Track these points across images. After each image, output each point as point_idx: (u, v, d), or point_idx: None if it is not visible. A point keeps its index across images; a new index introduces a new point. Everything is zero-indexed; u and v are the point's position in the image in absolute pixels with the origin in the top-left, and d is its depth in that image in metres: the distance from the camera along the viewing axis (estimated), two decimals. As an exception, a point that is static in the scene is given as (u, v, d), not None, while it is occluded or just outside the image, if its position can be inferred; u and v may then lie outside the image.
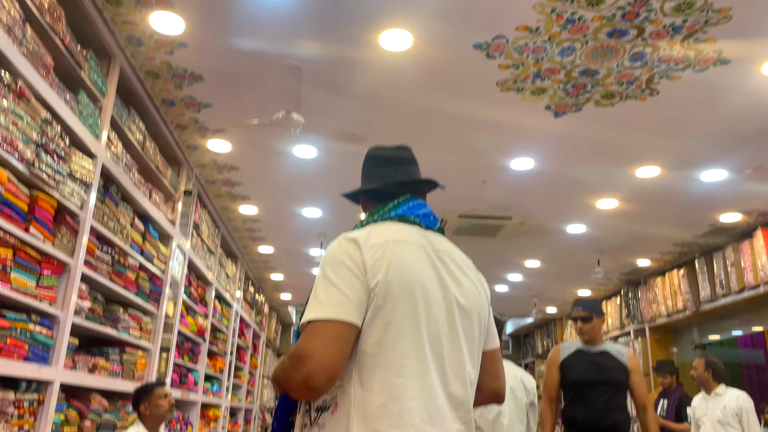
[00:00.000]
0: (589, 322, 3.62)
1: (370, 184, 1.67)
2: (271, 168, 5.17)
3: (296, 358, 1.26)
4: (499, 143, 4.52)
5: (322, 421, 1.31)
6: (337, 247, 1.40)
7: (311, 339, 1.26)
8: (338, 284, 1.31)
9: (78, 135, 3.16)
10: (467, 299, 1.45)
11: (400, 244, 1.40)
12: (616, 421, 3.43)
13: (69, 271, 3.15)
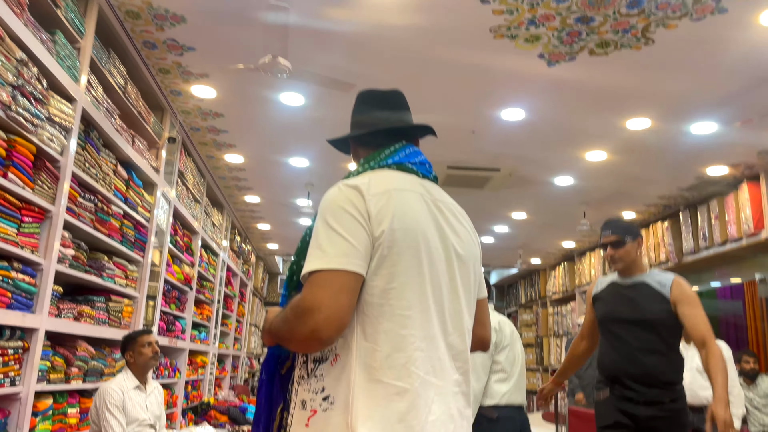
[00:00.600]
0: (621, 247, 2.90)
1: (363, 130, 1.60)
2: (257, 115, 5.06)
3: (302, 311, 1.20)
4: (491, 93, 4.45)
5: (321, 372, 1.28)
6: (338, 194, 1.33)
7: (318, 290, 1.21)
8: (342, 233, 1.26)
9: (56, 77, 3.04)
10: (464, 249, 1.44)
11: (402, 192, 1.37)
12: (650, 368, 2.75)
13: (51, 218, 3.09)
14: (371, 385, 1.23)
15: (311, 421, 1.25)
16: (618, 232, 2.92)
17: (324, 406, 1.25)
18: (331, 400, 1.24)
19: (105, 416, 3.26)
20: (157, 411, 3.62)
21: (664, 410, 2.73)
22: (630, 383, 2.78)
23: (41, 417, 3.15)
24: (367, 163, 1.50)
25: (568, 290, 10.07)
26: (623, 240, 2.90)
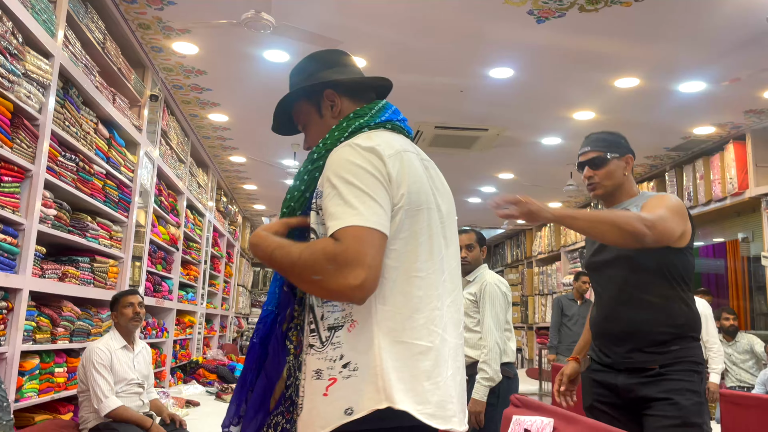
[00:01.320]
0: (602, 166, 2.19)
1: (349, 77, 1.50)
2: (241, 73, 4.97)
3: (345, 262, 1.16)
4: (479, 51, 4.38)
5: (338, 339, 1.25)
6: (355, 154, 1.27)
7: (361, 245, 1.17)
8: (371, 193, 1.23)
9: (31, 32, 2.95)
10: (448, 206, 1.45)
11: (407, 154, 1.35)
12: (631, 323, 2.05)
13: (31, 177, 3.04)
14: (396, 347, 1.23)
15: (331, 390, 1.23)
16: (599, 148, 2.20)
17: (345, 373, 1.23)
18: (354, 366, 1.22)
19: (92, 376, 3.27)
20: (144, 371, 3.64)
21: (653, 379, 1.98)
22: (609, 345, 2.10)
23: (28, 376, 3.16)
24: (360, 119, 1.41)
25: (554, 250, 10.17)
26: (605, 157, 2.18)
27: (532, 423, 2.13)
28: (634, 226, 1.87)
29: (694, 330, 2.05)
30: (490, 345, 3.00)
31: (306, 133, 1.52)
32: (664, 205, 2.02)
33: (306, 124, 1.52)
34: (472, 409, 2.94)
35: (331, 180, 1.25)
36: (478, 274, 3.25)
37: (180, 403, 5.16)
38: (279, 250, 1.26)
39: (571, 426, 1.96)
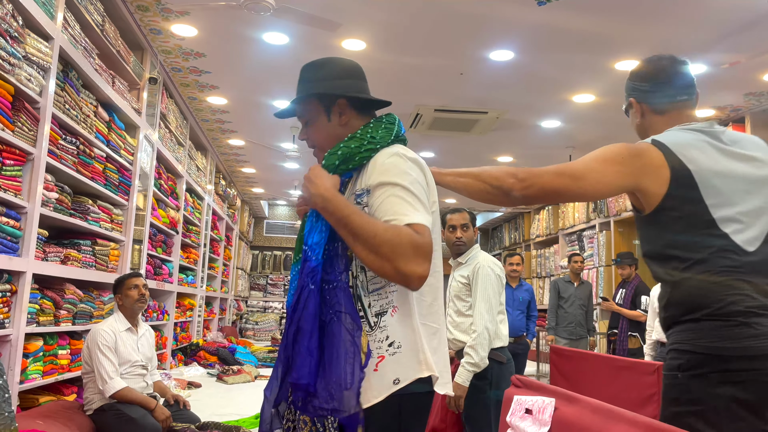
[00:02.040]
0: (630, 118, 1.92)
1: (366, 95, 1.63)
2: (240, 56, 4.94)
3: (423, 252, 1.34)
4: (479, 33, 4.36)
5: (384, 324, 1.44)
6: (404, 163, 1.45)
7: (430, 241, 1.37)
8: (422, 200, 1.43)
9: (31, 14, 2.93)
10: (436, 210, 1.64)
11: (424, 164, 1.55)
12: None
13: (32, 161, 3.04)
14: (423, 329, 1.47)
15: (380, 366, 1.41)
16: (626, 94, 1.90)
17: (391, 351, 1.42)
18: (398, 345, 1.43)
19: (97, 357, 3.30)
20: (148, 353, 3.67)
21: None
22: None
23: (32, 358, 3.18)
24: (392, 130, 1.56)
25: (552, 233, 10.21)
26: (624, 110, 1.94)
27: (533, 403, 2.16)
28: (496, 178, 1.65)
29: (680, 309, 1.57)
30: (480, 330, 2.90)
31: (308, 129, 1.64)
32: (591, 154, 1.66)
33: (311, 121, 1.63)
34: (454, 393, 2.89)
35: (389, 182, 1.42)
36: (471, 255, 3.13)
37: (182, 384, 5.21)
38: (358, 216, 1.37)
39: (573, 405, 1.99)
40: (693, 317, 1.50)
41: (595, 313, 8.32)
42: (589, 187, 1.59)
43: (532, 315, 5.70)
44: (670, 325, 1.58)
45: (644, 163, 1.58)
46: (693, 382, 1.45)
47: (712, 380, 1.43)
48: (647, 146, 1.61)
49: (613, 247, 8.13)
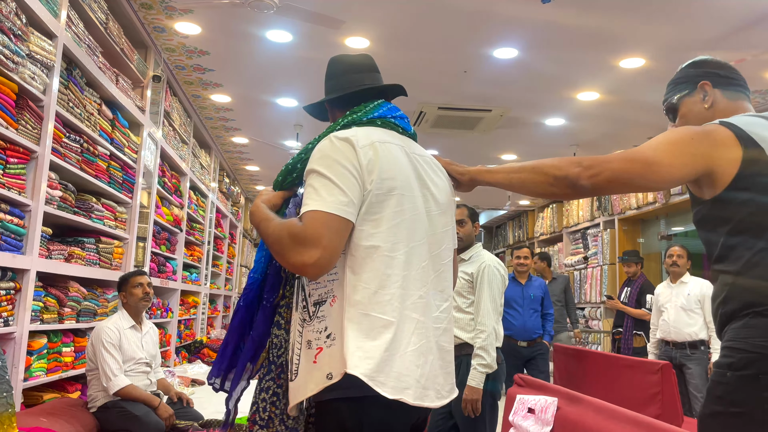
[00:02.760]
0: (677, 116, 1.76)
1: (340, 92, 1.65)
2: (244, 53, 4.94)
3: (303, 240, 1.32)
4: (483, 31, 4.35)
5: (322, 313, 1.40)
6: (330, 146, 1.42)
7: (318, 227, 1.32)
8: (338, 183, 1.37)
9: (35, 12, 2.93)
10: (443, 197, 1.58)
11: (386, 144, 1.48)
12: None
13: (36, 159, 3.05)
14: (361, 319, 1.35)
15: (318, 358, 1.37)
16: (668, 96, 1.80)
17: (328, 342, 1.37)
18: (333, 336, 1.37)
19: (102, 354, 3.31)
20: (152, 350, 3.68)
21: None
22: None
23: (36, 356, 3.19)
24: (353, 114, 1.56)
25: (556, 231, 10.19)
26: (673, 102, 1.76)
27: (536, 402, 2.16)
28: (559, 168, 1.49)
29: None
30: (489, 330, 2.87)
31: None
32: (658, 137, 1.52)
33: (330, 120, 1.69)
34: (469, 397, 2.82)
35: (309, 170, 1.41)
36: (475, 253, 3.11)
37: (185, 382, 5.22)
38: (263, 223, 1.43)
39: (575, 405, 1.99)
40: (755, 311, 1.35)
41: (599, 311, 8.31)
42: (664, 173, 1.43)
43: (548, 314, 5.21)
44: (726, 322, 1.43)
45: (715, 142, 1.44)
46: (741, 382, 1.32)
47: (763, 383, 1.29)
48: (715, 126, 1.48)
49: (617, 246, 8.11)
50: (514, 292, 5.05)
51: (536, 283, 5.24)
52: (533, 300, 5.08)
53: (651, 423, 1.62)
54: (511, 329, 4.90)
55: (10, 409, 2.36)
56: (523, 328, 4.94)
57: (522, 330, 4.94)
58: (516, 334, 4.92)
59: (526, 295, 5.09)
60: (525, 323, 4.94)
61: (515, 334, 4.91)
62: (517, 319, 5.00)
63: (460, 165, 1.74)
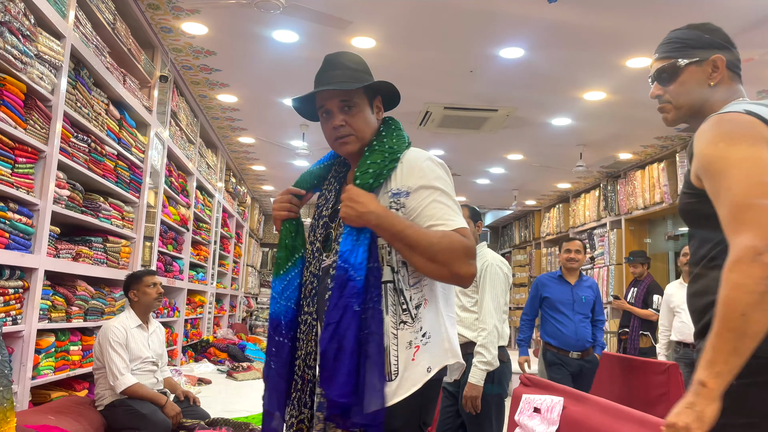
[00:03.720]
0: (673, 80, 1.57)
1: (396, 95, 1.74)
2: (250, 54, 4.95)
3: (473, 255, 1.50)
4: (490, 31, 4.35)
5: (420, 315, 1.55)
6: (441, 168, 1.60)
7: (474, 242, 1.53)
8: (458, 204, 1.57)
9: (43, 13, 2.95)
10: None
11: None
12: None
13: (44, 158, 3.07)
14: (447, 319, 1.60)
15: (416, 356, 1.51)
16: (668, 52, 1.56)
17: (423, 341, 1.52)
18: (429, 335, 1.53)
19: (109, 353, 3.33)
20: (159, 349, 3.70)
21: None
22: None
23: (44, 354, 3.21)
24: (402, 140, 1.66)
25: (562, 231, 10.16)
26: (676, 64, 1.53)
27: (541, 402, 2.16)
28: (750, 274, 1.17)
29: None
30: (489, 328, 2.88)
31: (350, 116, 1.64)
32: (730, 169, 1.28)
33: (356, 111, 1.64)
34: (469, 394, 2.85)
35: (430, 186, 1.54)
36: (479, 253, 3.09)
37: (192, 381, 5.24)
38: (412, 229, 1.49)
39: (581, 405, 1.99)
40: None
41: (605, 311, 8.29)
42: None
43: (599, 320, 4.42)
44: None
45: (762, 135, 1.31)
46: (750, 390, 1.23)
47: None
48: (750, 118, 1.34)
49: (624, 246, 8.08)
50: (561, 293, 4.36)
51: (587, 283, 4.43)
52: (584, 304, 4.34)
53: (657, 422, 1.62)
54: (558, 338, 4.30)
55: (6, 403, 2.38)
56: (574, 336, 4.28)
57: (574, 338, 4.28)
58: (566, 343, 4.28)
59: (577, 298, 4.35)
60: (577, 330, 4.27)
61: (565, 343, 4.28)
62: (567, 325, 4.28)
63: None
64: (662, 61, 1.56)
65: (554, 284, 4.46)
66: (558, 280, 4.48)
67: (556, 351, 4.34)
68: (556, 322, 4.32)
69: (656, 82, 1.59)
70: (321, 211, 1.72)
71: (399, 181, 1.56)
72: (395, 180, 1.57)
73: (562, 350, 4.29)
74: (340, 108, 1.63)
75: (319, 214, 1.72)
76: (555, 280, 4.50)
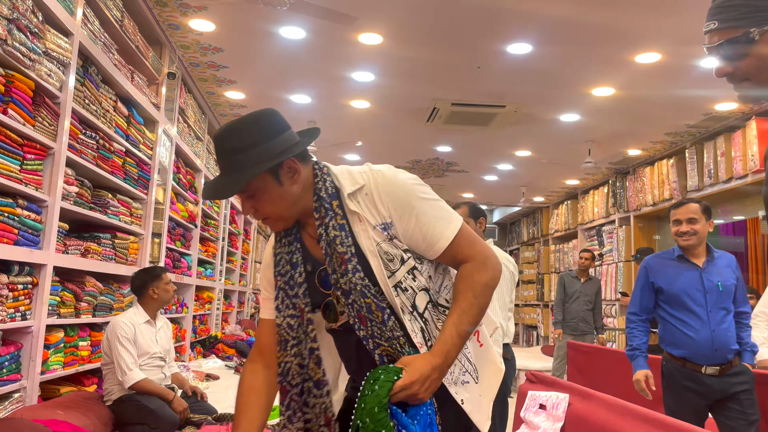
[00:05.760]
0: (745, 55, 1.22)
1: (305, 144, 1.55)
2: (258, 50, 4.96)
3: (491, 257, 1.46)
4: (497, 26, 4.33)
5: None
6: (404, 174, 1.50)
7: (482, 244, 1.48)
8: (438, 199, 1.50)
9: (51, 10, 2.97)
10: None
11: None
12: None
13: (53, 155, 3.09)
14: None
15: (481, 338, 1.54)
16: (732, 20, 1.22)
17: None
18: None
19: (117, 349, 3.35)
20: (166, 345, 3.72)
21: None
22: None
23: (53, 349, 3.24)
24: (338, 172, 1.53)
25: (571, 228, 10.12)
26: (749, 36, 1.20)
27: (547, 398, 2.15)
28: None
29: None
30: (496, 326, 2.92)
31: (256, 201, 1.46)
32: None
33: (260, 195, 1.45)
34: None
35: (406, 206, 1.42)
36: None
37: (200, 376, 5.26)
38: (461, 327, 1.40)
39: (586, 401, 1.98)
40: None
41: (614, 308, 8.25)
42: None
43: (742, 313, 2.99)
44: None
45: None
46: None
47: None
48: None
49: (632, 242, 8.04)
50: (685, 281, 2.94)
51: (723, 261, 3.00)
52: (722, 293, 2.89)
53: (662, 419, 1.61)
54: (685, 345, 2.89)
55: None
56: (709, 343, 2.84)
57: (709, 346, 2.83)
58: (697, 353, 2.86)
59: (710, 285, 2.90)
60: (715, 333, 2.84)
61: (696, 353, 2.86)
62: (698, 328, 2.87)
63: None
64: (726, 32, 1.21)
65: (672, 268, 3.01)
66: (678, 262, 3.01)
67: (681, 365, 2.91)
68: (681, 323, 2.93)
69: (720, 57, 1.26)
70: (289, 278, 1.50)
71: (378, 213, 1.43)
72: (372, 213, 1.43)
73: (688, 361, 2.88)
74: (244, 197, 1.46)
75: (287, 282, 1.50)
76: (672, 262, 3.03)
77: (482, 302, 1.42)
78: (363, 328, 1.39)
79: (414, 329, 1.40)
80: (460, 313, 1.39)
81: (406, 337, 1.39)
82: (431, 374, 1.32)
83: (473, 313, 1.40)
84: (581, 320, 6.30)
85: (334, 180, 1.47)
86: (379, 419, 1.27)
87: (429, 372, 1.32)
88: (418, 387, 1.31)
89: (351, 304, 1.40)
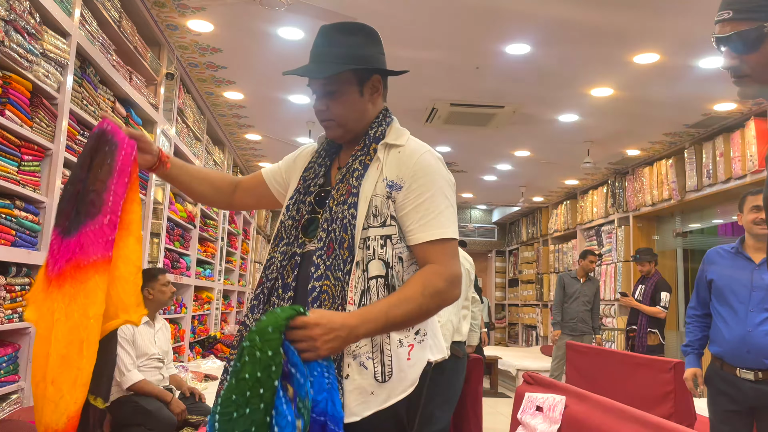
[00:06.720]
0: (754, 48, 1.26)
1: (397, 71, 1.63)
2: (256, 51, 4.96)
3: (456, 279, 1.42)
4: (495, 27, 4.33)
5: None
6: (445, 170, 1.51)
7: (456, 260, 1.44)
8: (454, 207, 1.49)
9: (48, 11, 2.97)
10: None
11: None
12: None
13: (51, 156, 3.08)
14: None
15: (411, 354, 1.45)
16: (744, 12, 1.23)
17: (418, 339, 1.47)
18: (423, 332, 1.48)
19: (114, 350, 3.35)
20: (165, 346, 3.72)
21: None
22: None
23: (52, 351, 3.23)
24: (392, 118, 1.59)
25: (570, 228, 10.12)
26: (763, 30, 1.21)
27: (544, 400, 2.15)
28: None
29: None
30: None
31: (332, 101, 1.54)
32: None
33: (338, 96, 1.53)
34: None
35: (426, 187, 1.44)
36: None
37: (199, 377, 5.26)
38: (394, 310, 1.36)
39: (583, 403, 1.98)
40: None
41: (613, 309, 8.25)
42: None
43: None
44: None
45: None
46: None
47: None
48: None
49: (631, 243, 8.05)
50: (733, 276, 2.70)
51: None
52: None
53: (658, 422, 1.61)
54: (720, 343, 2.70)
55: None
56: (742, 344, 2.59)
57: (742, 347, 2.59)
58: (727, 352, 2.66)
59: (759, 283, 2.62)
60: (748, 334, 2.57)
61: (726, 351, 2.66)
62: (733, 327, 2.64)
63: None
64: (739, 24, 1.20)
65: (727, 260, 2.77)
66: (734, 255, 2.76)
67: (719, 366, 2.70)
68: (720, 319, 2.72)
69: (728, 48, 1.25)
70: (308, 186, 1.58)
71: (395, 171, 1.46)
72: (390, 168, 1.46)
73: (726, 363, 2.66)
74: (322, 92, 1.54)
75: (305, 188, 1.57)
76: (729, 254, 2.79)
77: (427, 302, 1.37)
78: (323, 257, 1.43)
79: (356, 286, 1.40)
80: (401, 298, 1.36)
81: (347, 286, 1.40)
82: (339, 330, 1.25)
83: (412, 307, 1.35)
84: (580, 321, 6.32)
85: (386, 129, 1.54)
86: (269, 339, 1.15)
87: (338, 326, 1.26)
88: (319, 332, 1.23)
89: (329, 231, 1.44)
